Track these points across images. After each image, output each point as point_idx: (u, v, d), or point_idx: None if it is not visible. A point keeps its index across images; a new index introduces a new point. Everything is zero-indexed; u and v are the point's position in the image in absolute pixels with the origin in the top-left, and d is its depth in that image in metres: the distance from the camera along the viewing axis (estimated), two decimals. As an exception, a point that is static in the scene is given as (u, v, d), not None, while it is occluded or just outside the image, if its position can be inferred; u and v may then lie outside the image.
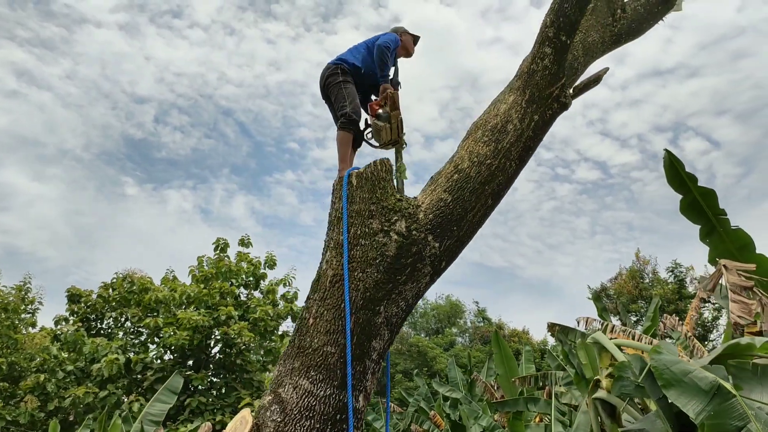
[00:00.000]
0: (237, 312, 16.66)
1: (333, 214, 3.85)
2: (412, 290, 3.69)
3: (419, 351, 30.19)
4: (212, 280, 17.19)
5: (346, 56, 4.94)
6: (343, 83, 4.78)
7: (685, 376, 4.11)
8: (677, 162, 7.21)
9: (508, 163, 4.00)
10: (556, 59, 4.10)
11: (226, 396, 16.21)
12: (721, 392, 3.97)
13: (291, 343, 3.61)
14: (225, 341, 16.68)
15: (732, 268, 6.39)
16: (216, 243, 18.01)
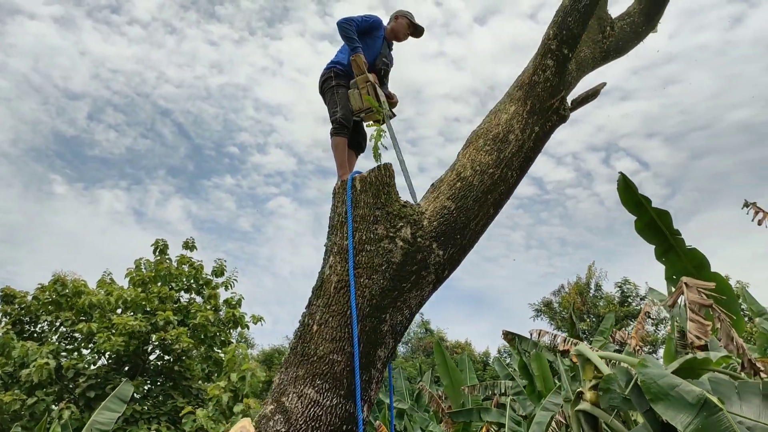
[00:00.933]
0: (176, 317, 16.14)
1: (335, 218, 3.74)
2: (416, 298, 3.62)
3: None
4: (151, 284, 16.62)
5: (339, 58, 4.92)
6: (336, 88, 4.74)
7: (672, 390, 4.17)
8: (631, 184, 7.42)
9: (509, 173, 3.99)
10: (558, 72, 4.13)
11: (163, 404, 15.67)
12: (708, 406, 4.04)
13: (292, 350, 3.47)
14: (163, 347, 16.13)
15: (693, 285, 6.57)
16: (155, 244, 17.40)
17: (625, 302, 25.75)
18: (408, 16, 5.10)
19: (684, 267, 7.28)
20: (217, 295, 17.41)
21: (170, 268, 16.92)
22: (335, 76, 4.80)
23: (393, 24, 5.13)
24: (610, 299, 26.08)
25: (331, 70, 4.84)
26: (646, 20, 5.33)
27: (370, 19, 4.91)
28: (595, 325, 22.48)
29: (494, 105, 4.42)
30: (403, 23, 5.09)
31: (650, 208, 7.27)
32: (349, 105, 4.64)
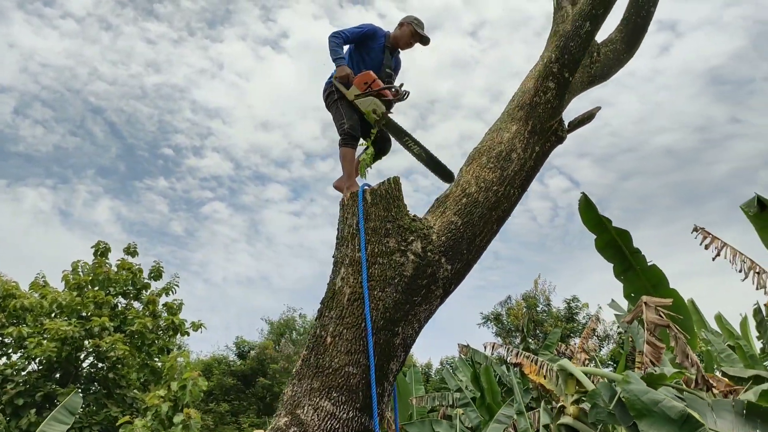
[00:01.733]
0: (113, 323, 15.60)
1: (346, 229, 3.72)
2: (425, 312, 3.64)
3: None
4: (87, 288, 16.01)
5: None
6: (339, 101, 4.74)
7: (655, 406, 4.34)
8: (592, 205, 7.69)
9: (512, 191, 4.07)
10: (558, 94, 4.25)
11: (96, 413, 15.09)
12: (690, 422, 4.22)
13: (304, 361, 3.42)
14: (97, 354, 15.53)
15: (652, 304, 6.85)
16: (96, 247, 16.80)
17: (571, 319, 26.48)
18: (413, 23, 4.99)
19: (642, 285, 7.56)
20: (155, 301, 16.91)
21: (109, 273, 16.34)
22: (337, 90, 4.79)
23: (396, 31, 5.05)
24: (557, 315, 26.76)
25: (331, 85, 4.84)
26: (627, 48, 5.53)
27: (363, 29, 4.89)
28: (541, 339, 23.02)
29: (493, 123, 4.51)
30: (406, 32, 5.00)
31: (611, 228, 7.53)
32: (355, 116, 4.63)
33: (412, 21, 5.00)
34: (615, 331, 23.62)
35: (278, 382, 29.23)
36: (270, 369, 30.03)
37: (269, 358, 30.63)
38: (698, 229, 8.18)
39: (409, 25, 4.99)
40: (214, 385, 27.92)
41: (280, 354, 31.53)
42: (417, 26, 4.98)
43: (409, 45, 5.07)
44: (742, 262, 8.13)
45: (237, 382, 29.88)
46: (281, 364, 30.15)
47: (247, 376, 30.20)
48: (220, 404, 28.67)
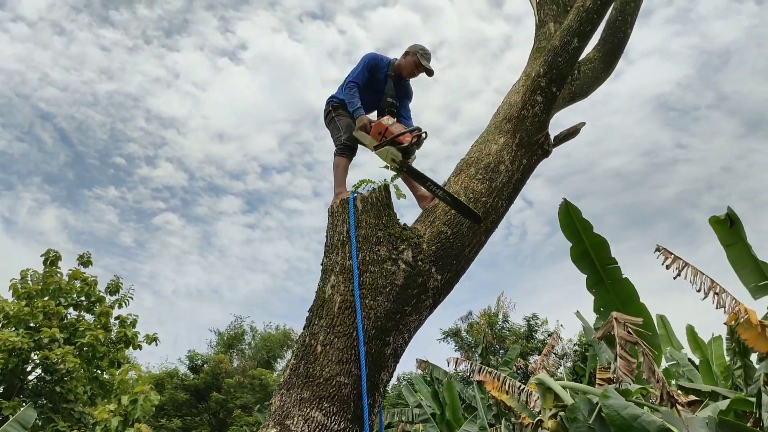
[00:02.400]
0: (63, 335, 15.07)
1: (336, 237, 3.65)
2: (414, 322, 3.59)
3: (261, 384, 29.17)
4: (37, 298, 15.45)
5: (336, 93, 4.92)
6: (336, 117, 4.75)
7: (635, 421, 4.36)
8: (573, 210, 7.70)
9: (500, 203, 4.08)
10: (545, 108, 4.29)
11: (42, 428, 14.50)
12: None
13: (293, 371, 3.32)
14: (45, 366, 14.96)
15: (622, 321, 6.92)
16: (45, 255, 16.23)
17: (531, 337, 26.73)
18: (418, 53, 4.78)
19: (611, 300, 7.63)
20: (109, 313, 16.40)
21: (60, 282, 15.80)
22: (333, 108, 4.83)
23: (401, 60, 4.89)
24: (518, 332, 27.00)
25: (329, 104, 4.88)
26: (604, 67, 5.64)
27: (366, 63, 4.81)
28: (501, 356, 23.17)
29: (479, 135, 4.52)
30: (410, 62, 4.82)
31: (588, 236, 7.56)
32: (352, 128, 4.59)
33: (417, 51, 4.81)
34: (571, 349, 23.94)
35: (233, 397, 28.65)
36: (225, 383, 29.44)
37: (224, 372, 30.03)
38: (660, 249, 8.32)
39: (414, 55, 4.80)
40: (166, 399, 27.20)
41: (235, 368, 30.96)
42: (421, 57, 4.78)
43: (412, 75, 4.92)
44: (701, 282, 8.31)
45: (190, 397, 29.16)
46: (236, 378, 29.57)
47: (200, 391, 29.52)
48: (171, 420, 27.90)
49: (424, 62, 4.76)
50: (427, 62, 4.78)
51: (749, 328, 7.84)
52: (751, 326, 7.80)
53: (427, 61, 4.79)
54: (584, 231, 7.73)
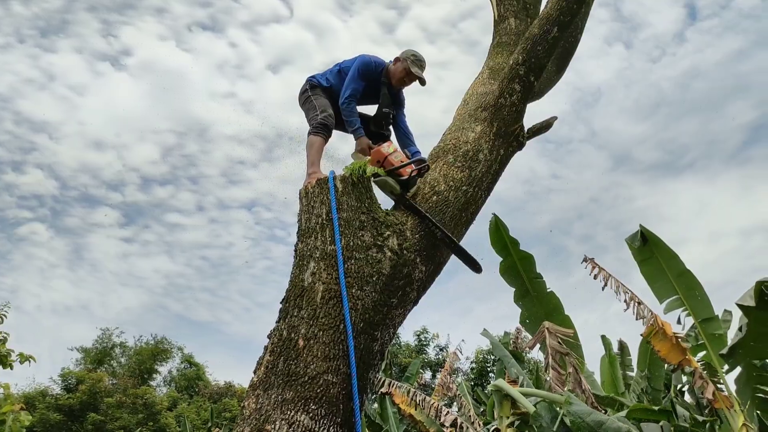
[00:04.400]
0: None
1: (313, 219, 3.25)
2: (399, 317, 3.26)
3: (145, 403, 27.30)
4: None
5: (314, 75, 4.50)
6: (313, 96, 4.31)
7: (600, 427, 4.22)
8: (502, 226, 7.69)
9: (479, 193, 3.84)
10: (523, 98, 4.11)
11: None
12: (636, 442, 4.13)
13: (269, 368, 2.87)
14: None
15: (553, 332, 6.90)
16: None
17: (421, 351, 26.71)
18: (409, 60, 4.31)
19: (537, 312, 7.62)
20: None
21: None
22: (311, 87, 4.41)
23: (391, 66, 4.42)
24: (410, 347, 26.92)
25: (307, 83, 4.45)
26: (556, 70, 5.58)
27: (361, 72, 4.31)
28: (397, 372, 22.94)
29: (451, 122, 4.28)
30: (400, 68, 4.34)
31: (515, 251, 7.55)
32: (329, 109, 4.18)
33: (408, 57, 4.33)
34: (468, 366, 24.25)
35: (111, 418, 26.72)
36: (103, 403, 27.42)
37: (103, 391, 27.99)
38: (588, 260, 8.45)
39: (404, 62, 4.32)
40: (36, 420, 24.95)
41: (115, 386, 28.96)
42: (413, 64, 4.30)
43: (402, 83, 4.43)
44: (624, 293, 8.48)
45: (63, 418, 26.90)
46: (117, 397, 27.64)
47: (75, 411, 27.32)
48: (42, 442, 25.68)
49: (415, 70, 4.29)
50: (419, 70, 4.32)
51: (663, 339, 8.05)
52: (666, 338, 8.01)
53: (420, 69, 4.33)
54: (512, 246, 7.73)
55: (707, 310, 8.46)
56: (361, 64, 4.30)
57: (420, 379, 14.15)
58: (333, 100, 4.30)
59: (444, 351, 26.49)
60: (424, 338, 27.09)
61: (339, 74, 4.40)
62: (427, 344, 27.14)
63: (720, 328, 8.28)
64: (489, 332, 11.23)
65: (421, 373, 20.88)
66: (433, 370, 26.26)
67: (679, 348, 7.86)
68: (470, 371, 23.51)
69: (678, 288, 8.59)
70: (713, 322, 8.27)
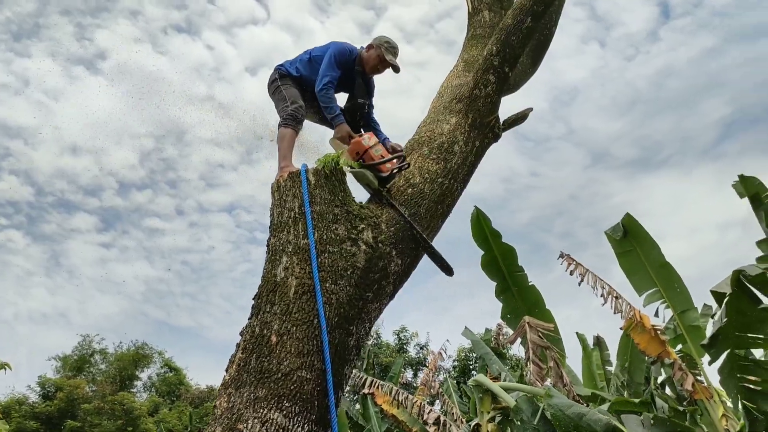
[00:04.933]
0: None
1: (285, 213, 3.18)
2: (375, 311, 3.20)
3: (124, 409, 26.92)
4: None
5: (283, 63, 4.35)
6: (283, 86, 4.17)
7: (581, 419, 4.18)
8: (484, 218, 7.62)
9: (455, 185, 3.79)
10: (498, 88, 4.07)
11: None
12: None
13: (241, 366, 2.79)
14: None
15: (534, 326, 6.87)
16: None
17: (402, 349, 26.62)
18: (383, 47, 4.21)
19: (518, 307, 7.58)
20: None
21: None
22: (280, 77, 4.25)
23: (364, 53, 4.31)
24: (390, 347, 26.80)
25: (276, 72, 4.29)
26: (531, 63, 5.56)
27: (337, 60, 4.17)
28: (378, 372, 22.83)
29: (426, 115, 4.23)
30: (373, 56, 4.24)
31: (497, 244, 7.49)
32: (299, 100, 4.05)
33: (382, 44, 4.23)
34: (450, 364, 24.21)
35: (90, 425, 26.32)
36: (81, 410, 27.01)
37: (81, 398, 27.58)
38: (564, 256, 8.43)
39: (378, 49, 4.22)
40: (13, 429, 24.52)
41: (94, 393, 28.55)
42: (386, 51, 4.21)
43: (376, 70, 4.33)
44: (602, 287, 8.48)
45: (40, 426, 26.47)
46: (95, 403, 27.24)
47: (53, 419, 26.89)
48: (19, 451, 25.25)
49: (389, 57, 4.20)
50: (393, 57, 4.23)
51: (642, 332, 8.06)
52: (644, 330, 8.02)
53: (394, 56, 4.24)
54: (493, 239, 7.67)
55: (686, 302, 8.48)
56: (337, 52, 4.18)
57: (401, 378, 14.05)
58: (303, 90, 4.19)
59: (424, 349, 26.44)
60: (404, 337, 27.03)
61: (310, 63, 4.26)
62: (407, 343, 27.08)
63: (699, 319, 8.31)
64: (470, 330, 11.18)
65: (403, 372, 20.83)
66: (414, 369, 26.22)
67: (658, 340, 7.87)
68: (453, 369, 23.49)
69: (657, 280, 8.60)
70: (692, 313, 8.28)
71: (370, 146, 3.62)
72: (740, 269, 5.94)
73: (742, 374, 7.28)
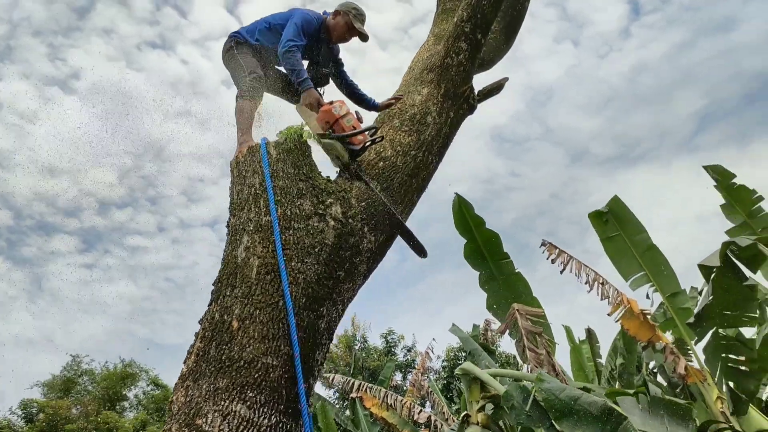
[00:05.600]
0: None
1: (245, 191, 2.92)
2: (348, 291, 2.94)
3: (108, 428, 26.30)
4: None
5: (239, 30, 4.04)
6: (239, 54, 3.88)
7: (575, 403, 3.96)
8: (465, 205, 7.38)
9: (430, 158, 3.55)
10: (471, 56, 3.84)
11: None
12: (613, 416, 3.88)
13: (201, 356, 2.52)
14: None
15: (524, 313, 6.65)
16: None
17: (390, 352, 26.29)
18: (351, 14, 3.98)
19: (504, 296, 7.36)
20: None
21: None
22: (237, 45, 3.95)
23: (331, 20, 4.06)
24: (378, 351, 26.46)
25: (233, 40, 3.98)
26: (505, 39, 5.36)
27: (303, 28, 3.86)
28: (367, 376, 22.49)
29: (396, 89, 3.99)
30: (341, 23, 4.00)
31: (480, 232, 7.26)
32: (258, 69, 3.75)
33: (350, 10, 4.01)
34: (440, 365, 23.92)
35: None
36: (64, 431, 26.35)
37: (64, 419, 26.91)
38: (546, 244, 8.22)
39: (345, 15, 3.99)
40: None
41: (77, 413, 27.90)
42: (355, 18, 3.99)
43: (343, 39, 4.10)
44: (586, 274, 8.28)
45: (23, 450, 25.86)
46: (79, 423, 26.61)
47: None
48: (-1, 476, 24.59)
49: (358, 25, 3.97)
50: (361, 24, 4.01)
51: (631, 317, 7.87)
52: (633, 316, 7.83)
53: (362, 24, 4.02)
54: (476, 227, 7.43)
55: (675, 285, 8.32)
56: (302, 21, 3.88)
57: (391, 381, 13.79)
58: (262, 59, 3.90)
59: (411, 351, 26.15)
60: (391, 340, 26.72)
61: (270, 31, 3.93)
62: (395, 346, 26.76)
63: (688, 301, 8.15)
64: (458, 327, 10.93)
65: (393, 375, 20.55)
66: (403, 372, 25.91)
67: (648, 325, 7.69)
68: (442, 369, 23.21)
69: (644, 264, 8.45)
70: (681, 296, 8.12)
71: (341, 116, 3.33)
72: (730, 240, 5.79)
73: (727, 353, 7.12)
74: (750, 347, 6.98)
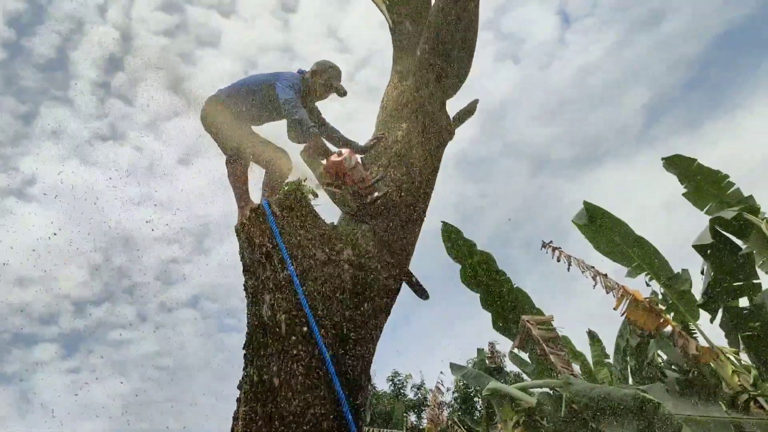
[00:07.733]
0: None
1: (256, 252, 2.96)
2: (375, 329, 2.99)
3: None
4: None
5: (218, 93, 4.04)
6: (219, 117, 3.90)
7: (609, 398, 3.99)
8: (454, 231, 7.48)
9: (422, 188, 3.64)
10: (439, 86, 3.98)
11: None
12: (648, 405, 3.93)
13: (249, 419, 2.51)
14: None
15: (534, 323, 6.70)
16: None
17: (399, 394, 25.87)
18: (328, 73, 4.14)
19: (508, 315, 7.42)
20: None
21: None
22: (214, 107, 3.96)
23: (309, 80, 4.17)
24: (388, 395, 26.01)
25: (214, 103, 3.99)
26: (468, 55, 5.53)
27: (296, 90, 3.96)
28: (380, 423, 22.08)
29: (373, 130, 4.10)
30: (319, 83, 4.14)
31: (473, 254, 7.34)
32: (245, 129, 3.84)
33: (327, 69, 4.15)
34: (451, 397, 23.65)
35: None
36: None
37: None
38: (546, 245, 8.34)
39: (323, 74, 4.14)
40: None
41: None
42: (335, 78, 4.16)
43: (322, 97, 4.23)
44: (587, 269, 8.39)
45: None
46: None
47: None
48: None
49: (335, 83, 4.13)
50: (338, 82, 4.16)
51: (636, 308, 7.95)
52: (639, 305, 7.92)
53: (339, 81, 4.17)
54: (469, 250, 7.51)
55: (669, 270, 8.47)
56: (292, 83, 3.95)
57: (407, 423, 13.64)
58: (240, 116, 3.93)
59: (421, 389, 25.83)
60: (398, 381, 26.36)
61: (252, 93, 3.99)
62: (403, 386, 26.40)
63: (685, 283, 8.28)
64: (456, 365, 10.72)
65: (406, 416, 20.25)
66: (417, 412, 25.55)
67: (654, 312, 7.78)
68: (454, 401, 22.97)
69: (636, 254, 8.59)
70: (678, 279, 8.25)
71: (350, 168, 3.35)
72: (716, 216, 5.95)
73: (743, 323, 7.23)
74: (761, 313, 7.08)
